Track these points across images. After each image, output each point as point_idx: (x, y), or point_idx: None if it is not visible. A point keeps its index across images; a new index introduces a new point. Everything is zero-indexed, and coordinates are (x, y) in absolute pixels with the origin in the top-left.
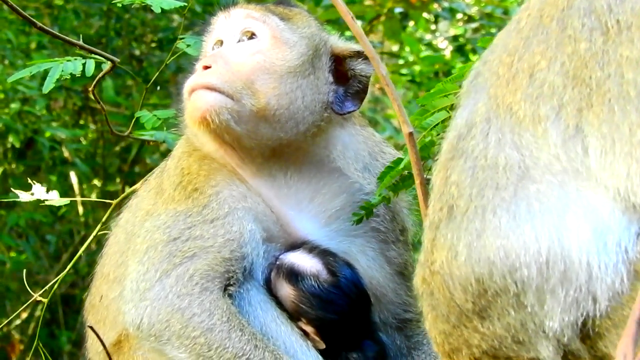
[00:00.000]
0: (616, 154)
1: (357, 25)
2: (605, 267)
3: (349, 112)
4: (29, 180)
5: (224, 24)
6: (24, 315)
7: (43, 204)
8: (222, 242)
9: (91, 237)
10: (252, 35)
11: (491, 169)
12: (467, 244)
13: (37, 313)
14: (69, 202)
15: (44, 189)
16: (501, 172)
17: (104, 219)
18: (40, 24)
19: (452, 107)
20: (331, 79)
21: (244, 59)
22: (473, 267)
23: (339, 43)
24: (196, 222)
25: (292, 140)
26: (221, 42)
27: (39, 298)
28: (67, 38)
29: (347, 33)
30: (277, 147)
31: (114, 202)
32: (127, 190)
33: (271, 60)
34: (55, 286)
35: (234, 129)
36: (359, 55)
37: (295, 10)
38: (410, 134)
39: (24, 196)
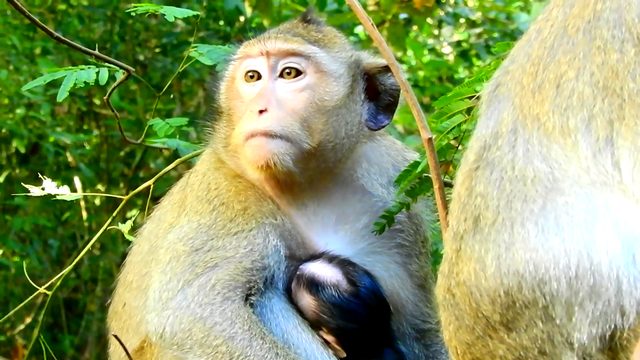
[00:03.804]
0: None
1: (377, 31)
2: (635, 280)
3: (383, 127)
4: (40, 175)
5: (262, 58)
6: (28, 319)
7: (47, 208)
8: (243, 253)
9: (103, 228)
10: (296, 72)
11: (519, 181)
12: (495, 256)
13: (41, 317)
14: (81, 196)
15: (55, 184)
16: (529, 184)
17: (111, 219)
18: (57, 34)
19: (468, 111)
20: (364, 97)
21: (295, 98)
22: (502, 279)
23: (369, 60)
24: (220, 234)
25: (327, 167)
26: (257, 74)
27: (44, 291)
28: (83, 48)
29: (352, 38)
30: (313, 175)
31: (125, 197)
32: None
33: (320, 97)
34: (58, 282)
35: (292, 170)
36: (388, 69)
37: (327, 31)
38: (430, 139)
39: (35, 191)
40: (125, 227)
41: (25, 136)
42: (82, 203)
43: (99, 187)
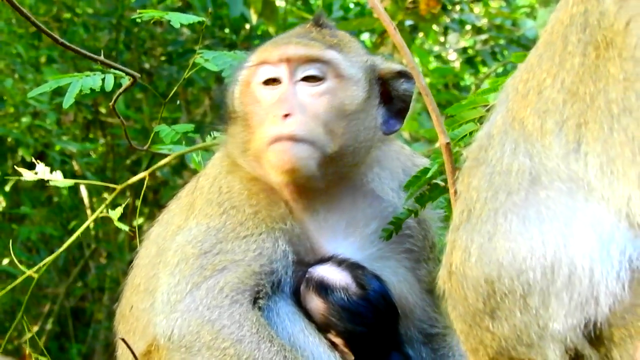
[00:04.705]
0: (614, 174)
1: (399, 36)
2: (607, 273)
3: (394, 132)
4: (34, 160)
5: (282, 63)
6: (35, 328)
7: (53, 217)
8: (252, 257)
9: (93, 216)
10: (317, 77)
11: (506, 174)
12: (479, 245)
13: (48, 327)
14: (72, 183)
15: (48, 169)
16: (514, 177)
17: (106, 203)
18: (62, 41)
19: (480, 120)
20: (379, 101)
21: (316, 103)
22: (483, 268)
23: (383, 65)
24: (229, 237)
25: (343, 172)
26: (277, 80)
27: (32, 274)
28: (88, 53)
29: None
30: (331, 180)
31: (118, 187)
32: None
33: (340, 101)
34: (45, 267)
35: (314, 174)
36: (401, 75)
37: (342, 36)
38: (447, 144)
39: (27, 175)
40: (114, 214)
41: (31, 145)
42: (89, 212)
43: (105, 195)
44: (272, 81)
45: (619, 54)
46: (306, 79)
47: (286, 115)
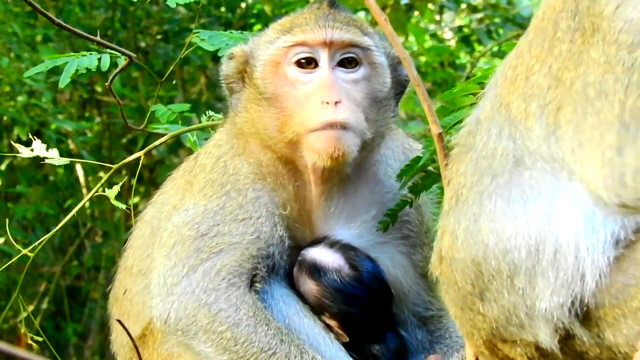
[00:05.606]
0: (585, 157)
1: (390, 26)
2: (593, 248)
3: (395, 115)
4: (31, 136)
5: (322, 47)
6: (30, 307)
7: (49, 196)
8: (250, 240)
9: (89, 196)
10: (352, 63)
11: (490, 158)
12: (465, 227)
13: (44, 306)
14: (68, 162)
15: (44, 146)
16: (498, 159)
17: (102, 182)
18: (59, 21)
19: (472, 106)
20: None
21: (355, 89)
22: (470, 250)
23: (392, 51)
24: (227, 219)
25: (363, 158)
26: (310, 62)
27: (27, 253)
28: (84, 34)
29: None
30: (356, 166)
31: (114, 166)
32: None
33: (374, 88)
34: (40, 245)
35: (352, 161)
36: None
37: (361, 20)
38: (440, 134)
39: (24, 152)
40: (111, 193)
41: (27, 124)
42: (84, 190)
43: (101, 174)
44: (305, 63)
45: (602, 38)
46: (341, 64)
47: (337, 102)
